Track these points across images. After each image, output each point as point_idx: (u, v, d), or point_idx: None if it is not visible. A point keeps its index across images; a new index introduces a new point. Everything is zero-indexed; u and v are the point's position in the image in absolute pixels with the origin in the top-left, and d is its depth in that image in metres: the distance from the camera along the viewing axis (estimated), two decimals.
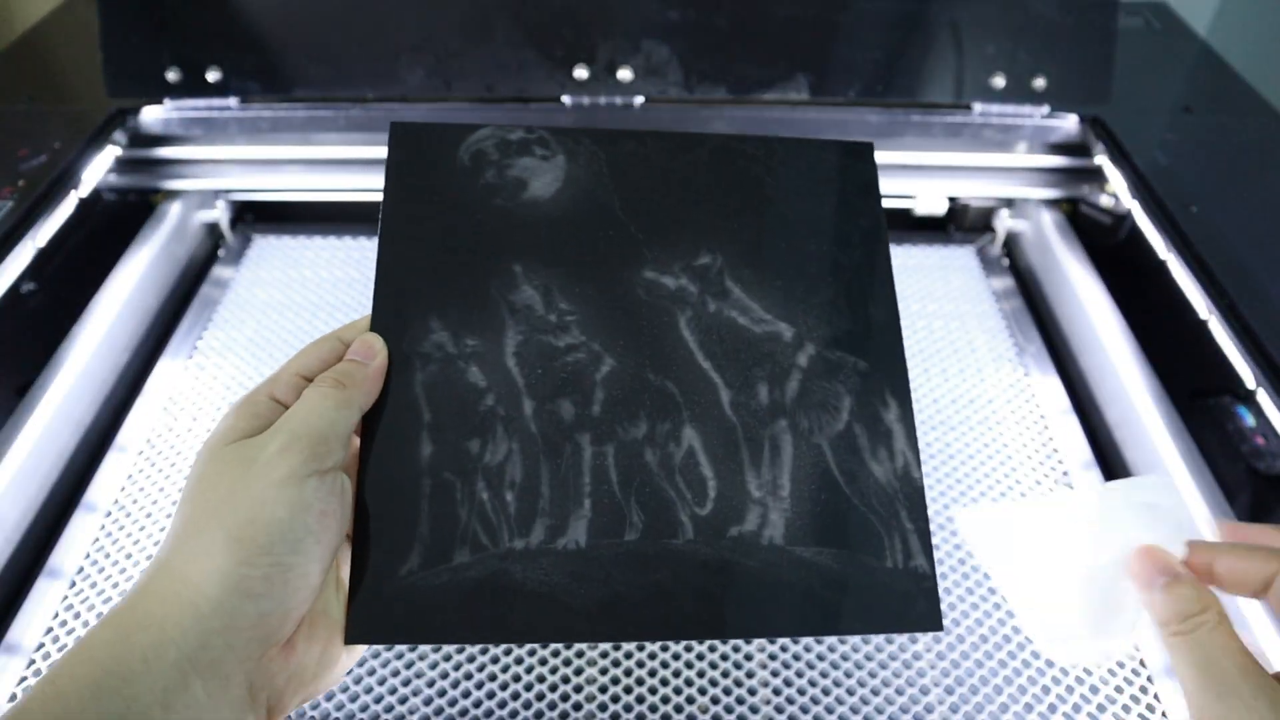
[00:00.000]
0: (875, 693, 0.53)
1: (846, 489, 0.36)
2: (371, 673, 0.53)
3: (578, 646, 0.55)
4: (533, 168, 0.41)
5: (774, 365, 0.38)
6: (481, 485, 0.35)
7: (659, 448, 0.36)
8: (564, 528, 0.35)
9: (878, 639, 0.55)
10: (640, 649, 0.55)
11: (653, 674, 0.54)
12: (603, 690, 0.54)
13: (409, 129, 0.40)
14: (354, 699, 0.52)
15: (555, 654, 0.55)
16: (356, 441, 0.36)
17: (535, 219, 0.40)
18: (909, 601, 0.34)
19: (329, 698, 0.52)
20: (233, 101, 0.76)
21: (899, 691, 0.53)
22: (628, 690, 0.54)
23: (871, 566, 0.35)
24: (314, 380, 0.34)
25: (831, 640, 0.55)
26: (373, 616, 0.32)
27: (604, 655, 0.55)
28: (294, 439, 0.31)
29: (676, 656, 0.55)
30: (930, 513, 0.61)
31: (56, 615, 0.56)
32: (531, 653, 0.55)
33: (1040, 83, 0.75)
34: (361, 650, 0.34)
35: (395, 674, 0.53)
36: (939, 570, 0.59)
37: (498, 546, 0.34)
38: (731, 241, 0.40)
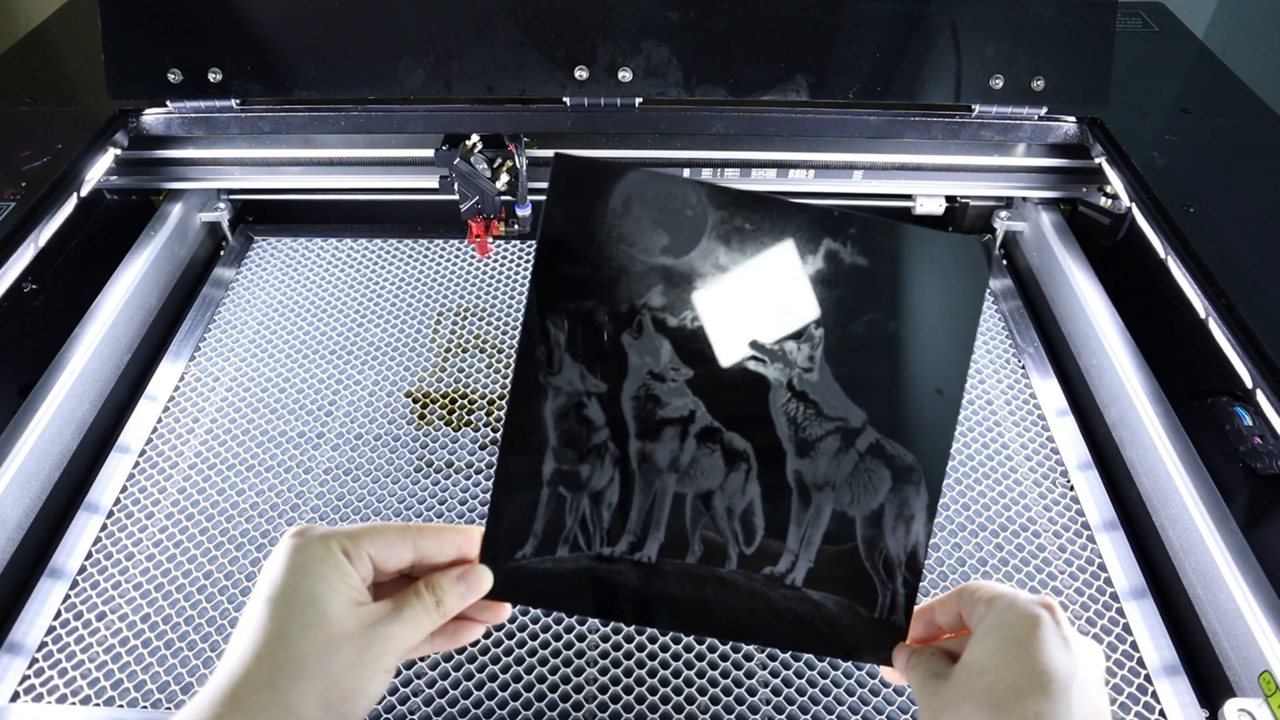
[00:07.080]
0: (874, 693, 0.54)
1: (863, 553, 0.43)
2: None
3: (578, 646, 0.56)
4: (676, 222, 0.44)
5: (838, 444, 0.44)
6: (586, 502, 0.44)
7: (727, 496, 0.44)
8: (642, 545, 0.44)
9: None
10: (640, 650, 0.55)
11: (653, 674, 0.55)
12: (603, 690, 0.54)
13: (569, 159, 0.43)
14: None
15: (555, 654, 0.55)
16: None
17: (669, 274, 0.44)
18: (879, 644, 0.43)
19: None
20: (234, 102, 0.76)
21: (898, 691, 0.53)
22: (628, 690, 0.54)
23: (861, 614, 0.43)
24: (420, 580, 0.40)
25: None
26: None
27: (604, 656, 0.55)
28: (402, 643, 0.39)
29: (677, 657, 0.55)
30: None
31: (58, 615, 0.56)
32: (532, 653, 0.55)
33: (1039, 84, 0.75)
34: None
35: (395, 674, 0.53)
36: (944, 569, 0.59)
37: (590, 550, 0.43)
38: (830, 318, 0.44)
